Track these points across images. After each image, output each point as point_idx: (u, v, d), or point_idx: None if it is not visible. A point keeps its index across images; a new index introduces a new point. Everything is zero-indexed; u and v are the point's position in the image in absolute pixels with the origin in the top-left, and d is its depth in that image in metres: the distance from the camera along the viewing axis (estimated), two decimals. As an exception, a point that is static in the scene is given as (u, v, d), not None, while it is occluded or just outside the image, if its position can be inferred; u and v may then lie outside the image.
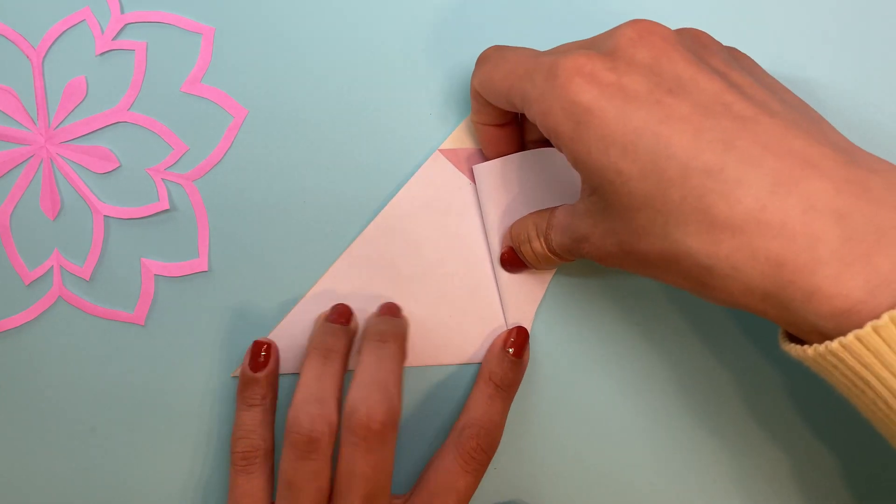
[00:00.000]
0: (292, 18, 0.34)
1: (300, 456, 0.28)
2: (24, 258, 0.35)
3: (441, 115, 0.34)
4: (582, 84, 0.24)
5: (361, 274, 0.34)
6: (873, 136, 0.32)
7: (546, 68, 0.25)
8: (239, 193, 0.34)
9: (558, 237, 0.29)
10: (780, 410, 0.33)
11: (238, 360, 0.34)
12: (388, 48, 0.34)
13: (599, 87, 0.23)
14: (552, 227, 0.29)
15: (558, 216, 0.29)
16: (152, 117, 0.35)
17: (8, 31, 0.35)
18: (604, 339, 0.34)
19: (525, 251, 0.31)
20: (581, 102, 0.23)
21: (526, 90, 0.26)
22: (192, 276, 0.34)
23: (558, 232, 0.29)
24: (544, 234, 0.30)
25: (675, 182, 0.22)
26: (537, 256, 0.31)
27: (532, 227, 0.31)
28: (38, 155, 0.35)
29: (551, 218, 0.29)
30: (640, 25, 0.24)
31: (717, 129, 0.22)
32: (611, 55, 0.24)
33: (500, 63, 0.28)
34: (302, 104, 0.34)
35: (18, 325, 0.35)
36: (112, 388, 0.35)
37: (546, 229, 0.29)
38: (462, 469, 0.31)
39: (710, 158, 0.22)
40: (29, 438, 0.35)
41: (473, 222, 0.34)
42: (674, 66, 0.23)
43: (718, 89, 0.23)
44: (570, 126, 0.24)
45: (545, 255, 0.30)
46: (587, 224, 0.26)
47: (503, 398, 0.32)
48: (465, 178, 0.34)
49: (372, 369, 0.29)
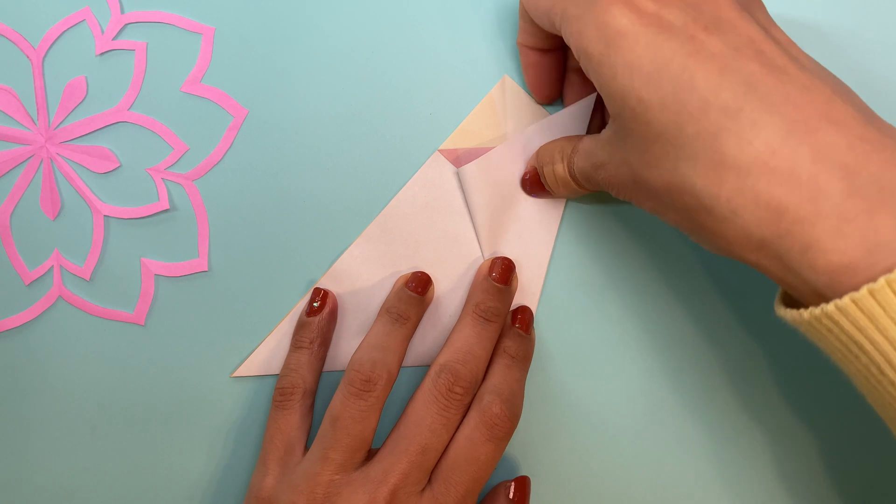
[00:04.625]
0: (292, 18, 0.34)
1: (353, 393, 0.29)
2: (24, 258, 0.35)
3: (441, 115, 0.34)
4: (621, 8, 0.24)
5: (362, 274, 0.34)
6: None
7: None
8: (239, 193, 0.34)
9: (580, 162, 0.29)
10: (774, 404, 0.33)
11: (238, 360, 0.34)
12: (388, 48, 0.34)
13: (637, 14, 0.24)
14: (577, 151, 0.29)
15: (584, 142, 0.29)
16: (152, 117, 0.35)
17: (8, 31, 0.35)
18: (603, 334, 0.34)
19: (548, 173, 0.31)
20: (615, 26, 0.24)
21: (567, 8, 0.26)
22: (192, 276, 0.34)
23: (581, 157, 0.29)
24: (568, 157, 0.30)
25: (693, 116, 0.22)
26: (558, 180, 0.31)
27: (559, 150, 0.31)
28: (38, 155, 0.35)
29: (578, 143, 0.29)
30: None
31: (744, 72, 0.22)
32: None
33: None
34: (302, 104, 0.34)
35: (18, 325, 0.35)
36: (112, 388, 0.35)
37: (571, 153, 0.30)
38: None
39: (730, 98, 0.22)
40: (29, 438, 0.35)
41: (474, 222, 0.34)
42: (716, 6, 0.24)
43: (755, 35, 0.23)
44: (600, 47, 0.24)
45: (565, 179, 0.30)
46: (606, 152, 0.27)
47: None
48: (465, 178, 0.34)
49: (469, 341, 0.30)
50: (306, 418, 0.31)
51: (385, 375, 0.29)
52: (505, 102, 0.33)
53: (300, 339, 0.32)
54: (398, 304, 0.32)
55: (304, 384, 0.32)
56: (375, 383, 0.29)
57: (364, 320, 0.34)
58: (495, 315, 0.31)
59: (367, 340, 0.31)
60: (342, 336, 0.34)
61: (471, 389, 0.29)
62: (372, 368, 0.29)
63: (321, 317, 0.33)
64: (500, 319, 0.32)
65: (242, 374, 0.34)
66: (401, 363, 0.31)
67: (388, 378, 0.29)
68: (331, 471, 0.28)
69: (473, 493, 0.29)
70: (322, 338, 0.32)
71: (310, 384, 0.32)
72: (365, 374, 0.29)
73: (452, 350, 0.30)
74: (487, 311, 0.31)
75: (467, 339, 0.31)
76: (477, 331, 0.31)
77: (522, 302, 0.34)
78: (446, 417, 0.29)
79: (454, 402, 0.29)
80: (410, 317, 0.32)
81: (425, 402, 0.29)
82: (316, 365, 0.32)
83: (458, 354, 0.30)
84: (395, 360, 0.30)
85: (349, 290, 0.34)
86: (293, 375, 0.32)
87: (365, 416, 0.29)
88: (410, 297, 0.32)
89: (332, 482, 0.28)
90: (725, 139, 0.22)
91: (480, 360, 0.30)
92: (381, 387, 0.29)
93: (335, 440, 0.29)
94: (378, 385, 0.29)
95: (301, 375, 0.32)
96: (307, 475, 0.29)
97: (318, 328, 0.32)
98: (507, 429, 0.29)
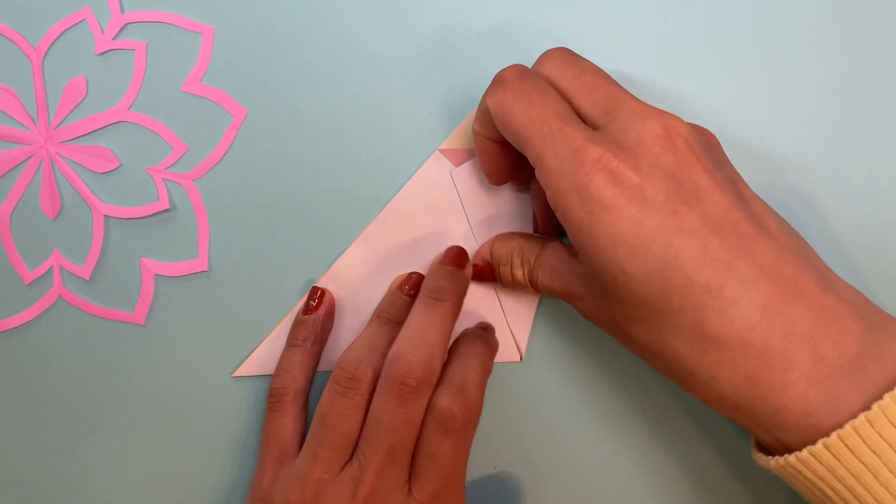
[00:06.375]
0: (292, 18, 0.34)
1: (339, 392, 0.29)
2: (24, 258, 0.35)
3: (441, 115, 0.34)
4: (605, 180, 0.24)
5: (362, 273, 0.34)
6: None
7: (571, 147, 0.25)
8: (239, 193, 0.34)
9: (546, 278, 0.29)
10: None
11: (238, 360, 0.34)
12: (389, 48, 0.34)
13: (621, 187, 0.24)
14: (541, 264, 0.30)
15: (549, 257, 0.29)
16: (152, 117, 0.35)
17: (8, 31, 0.35)
18: (602, 333, 0.34)
19: (504, 274, 0.31)
20: (600, 198, 0.24)
21: (544, 155, 0.25)
22: (192, 276, 0.34)
23: (547, 273, 0.29)
24: (531, 266, 0.30)
25: (677, 291, 0.24)
26: (515, 283, 0.31)
27: (518, 253, 0.31)
28: (38, 155, 0.35)
29: (542, 254, 0.30)
30: (667, 123, 0.25)
31: (723, 247, 0.24)
32: (634, 152, 0.24)
33: (522, 102, 0.26)
34: (302, 104, 0.34)
35: (18, 324, 0.35)
36: (112, 388, 0.35)
37: (534, 264, 0.30)
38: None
39: (711, 276, 0.23)
40: (29, 438, 0.35)
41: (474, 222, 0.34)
42: (693, 175, 0.24)
43: (728, 203, 0.24)
44: (582, 215, 0.25)
45: (524, 286, 0.31)
46: (583, 289, 0.28)
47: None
48: (465, 178, 0.34)
49: (421, 326, 0.29)
50: (299, 417, 0.32)
51: (370, 374, 0.29)
52: (505, 102, 0.33)
53: (295, 337, 0.33)
54: (389, 309, 0.32)
55: (296, 384, 0.32)
56: (360, 381, 0.29)
57: (363, 320, 0.34)
58: (446, 294, 0.30)
59: (357, 341, 0.31)
60: (341, 335, 0.34)
61: (426, 379, 0.28)
62: (357, 366, 0.29)
63: (317, 315, 0.33)
64: (451, 298, 0.30)
65: (242, 374, 0.34)
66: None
67: (374, 376, 0.29)
68: (320, 469, 0.29)
69: (450, 487, 0.29)
70: (317, 336, 0.33)
71: (301, 383, 0.32)
72: (350, 371, 0.29)
73: (401, 339, 0.29)
74: (438, 289, 0.30)
75: (417, 323, 0.30)
76: (426, 311, 0.30)
77: (520, 298, 0.33)
78: (405, 413, 0.28)
79: (409, 395, 0.28)
80: (401, 320, 0.32)
81: (382, 400, 0.28)
82: (309, 363, 0.32)
83: (407, 343, 0.29)
84: (381, 359, 0.30)
85: (348, 290, 0.34)
86: (284, 375, 0.32)
87: (351, 413, 0.29)
88: (403, 301, 0.32)
89: (321, 480, 0.29)
90: (708, 315, 0.23)
91: (434, 345, 0.29)
92: (366, 385, 0.29)
93: (323, 438, 0.29)
94: (363, 383, 0.29)
95: (292, 375, 0.32)
96: (299, 474, 0.29)
97: (314, 326, 0.32)
98: (460, 422, 0.28)
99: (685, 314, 0.24)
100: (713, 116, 0.33)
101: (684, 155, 0.25)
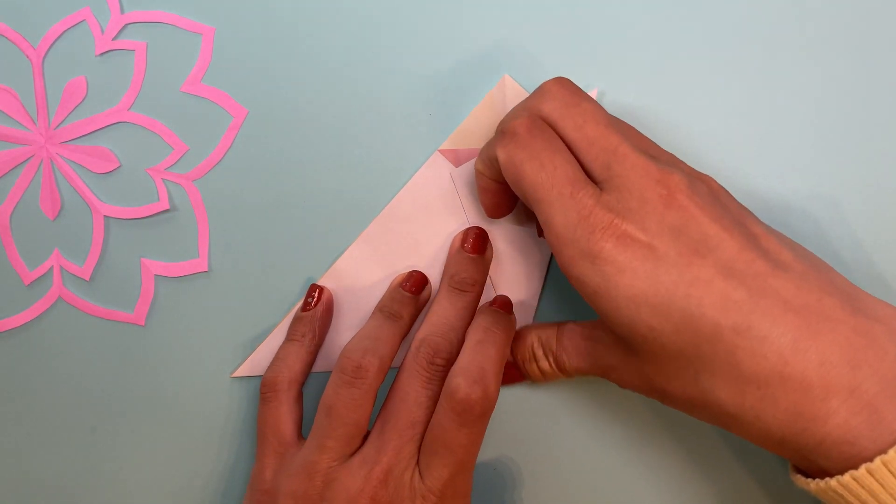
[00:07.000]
0: (292, 18, 0.34)
1: (345, 382, 0.29)
2: (24, 258, 0.35)
3: (441, 115, 0.34)
4: (616, 245, 0.25)
5: (362, 274, 0.34)
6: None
7: (581, 213, 0.25)
8: (239, 193, 0.34)
9: (574, 361, 0.30)
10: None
11: (238, 360, 0.34)
12: (389, 48, 0.34)
13: (632, 249, 0.25)
14: (564, 349, 0.30)
15: (569, 339, 0.30)
16: (152, 117, 0.35)
17: (8, 31, 0.35)
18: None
19: (531, 370, 0.32)
20: (613, 262, 0.25)
21: (554, 220, 0.26)
22: (192, 276, 0.35)
23: (573, 356, 0.30)
24: (554, 354, 0.31)
25: (707, 338, 0.24)
26: (545, 375, 0.31)
27: (537, 345, 0.31)
28: (38, 155, 0.35)
29: (560, 339, 0.30)
30: (666, 181, 0.25)
31: (742, 289, 0.24)
32: (640, 213, 0.25)
33: (534, 161, 0.27)
34: (302, 104, 0.34)
35: (18, 325, 0.35)
36: (112, 388, 0.35)
37: (556, 351, 0.30)
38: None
39: (737, 318, 0.24)
40: (29, 438, 0.35)
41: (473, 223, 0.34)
42: (700, 227, 0.25)
43: (739, 246, 0.25)
44: (598, 280, 0.25)
45: (554, 374, 0.31)
46: (612, 358, 0.28)
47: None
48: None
49: (447, 313, 0.31)
50: (294, 407, 0.31)
51: (377, 363, 0.29)
52: (505, 102, 0.33)
53: (292, 333, 0.33)
54: (391, 304, 0.32)
55: (290, 373, 0.31)
56: (367, 370, 0.29)
57: (362, 320, 0.34)
58: (470, 285, 0.32)
59: (360, 333, 0.31)
60: (340, 335, 0.34)
61: (452, 360, 0.30)
62: (363, 356, 0.29)
63: (315, 312, 0.33)
64: (475, 289, 0.32)
65: (242, 374, 0.34)
66: (393, 356, 0.30)
67: (380, 365, 0.29)
68: (328, 458, 0.29)
69: (461, 474, 0.29)
70: (314, 332, 0.33)
71: (295, 373, 0.32)
72: (356, 361, 0.29)
73: (429, 324, 0.31)
74: (462, 281, 0.32)
75: (444, 312, 0.31)
76: (452, 301, 0.31)
77: (522, 298, 0.34)
78: (431, 390, 0.29)
79: (436, 374, 0.29)
80: (403, 315, 0.32)
81: (409, 377, 0.29)
82: (305, 356, 0.32)
83: (435, 328, 0.30)
84: (386, 350, 0.30)
85: (348, 290, 0.34)
86: (278, 365, 0.32)
87: (358, 404, 0.29)
88: (404, 297, 0.32)
89: (329, 469, 0.28)
90: (741, 356, 0.24)
91: (459, 330, 0.31)
92: (373, 374, 0.29)
93: (331, 429, 0.29)
94: (370, 372, 0.29)
95: (287, 365, 0.32)
96: (305, 464, 0.29)
97: (311, 322, 0.33)
98: (477, 412, 0.28)
99: (718, 359, 0.24)
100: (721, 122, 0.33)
101: (688, 209, 0.25)
